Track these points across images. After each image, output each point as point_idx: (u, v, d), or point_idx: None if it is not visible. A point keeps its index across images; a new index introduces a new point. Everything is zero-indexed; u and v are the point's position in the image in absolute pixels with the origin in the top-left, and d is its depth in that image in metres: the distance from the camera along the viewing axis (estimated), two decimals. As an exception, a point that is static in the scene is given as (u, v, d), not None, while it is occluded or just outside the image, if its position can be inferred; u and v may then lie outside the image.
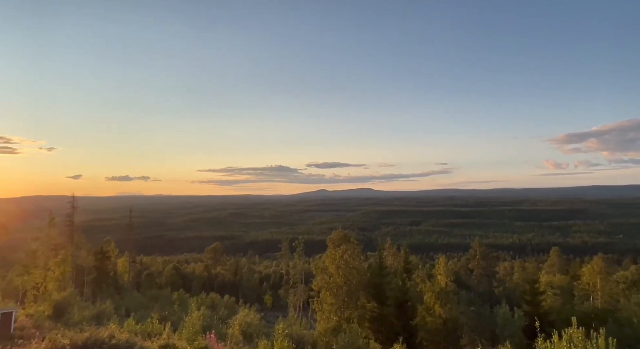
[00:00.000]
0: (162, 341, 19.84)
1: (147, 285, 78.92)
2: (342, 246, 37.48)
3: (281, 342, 20.43)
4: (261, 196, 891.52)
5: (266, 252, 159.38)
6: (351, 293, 35.28)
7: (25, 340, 18.60)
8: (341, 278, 35.18)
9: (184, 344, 19.05)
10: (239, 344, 23.20)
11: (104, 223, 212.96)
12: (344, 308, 34.55)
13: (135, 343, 15.74)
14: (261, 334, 27.63)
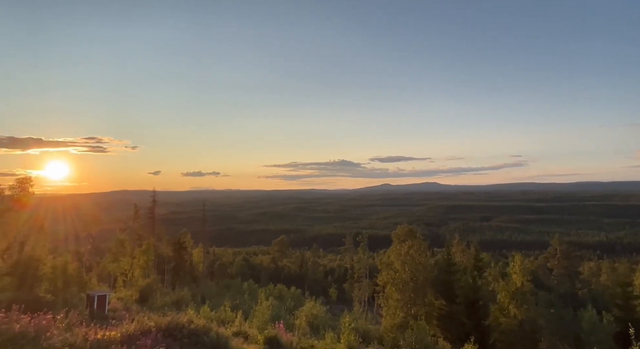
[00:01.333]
0: (235, 328, 20.88)
1: (220, 275, 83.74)
2: (407, 242, 36.63)
3: (348, 335, 20.48)
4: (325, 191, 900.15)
5: (330, 246, 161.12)
6: (418, 290, 34.40)
7: (118, 321, 20.57)
8: (407, 274, 34.44)
9: (255, 332, 19.84)
10: (306, 335, 23.65)
11: (180, 216, 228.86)
12: (410, 305, 33.79)
13: (211, 329, 16.67)
14: (327, 327, 27.95)
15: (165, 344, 13.90)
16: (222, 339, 16.18)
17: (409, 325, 27.22)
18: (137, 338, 14.46)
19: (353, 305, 63.71)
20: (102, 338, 14.04)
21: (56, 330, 14.26)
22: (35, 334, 13.48)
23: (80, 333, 14.20)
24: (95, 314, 23.65)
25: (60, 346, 12.58)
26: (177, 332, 15.80)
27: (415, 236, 40.07)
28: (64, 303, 25.54)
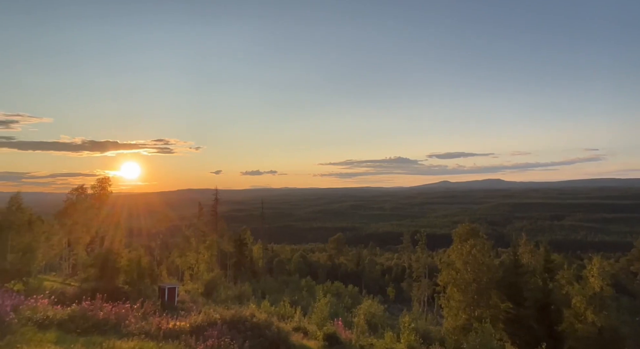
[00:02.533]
0: (294, 323, 21.27)
1: (278, 271, 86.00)
2: (469, 241, 35.04)
3: (408, 335, 20.05)
4: (381, 188, 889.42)
5: (387, 245, 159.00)
6: (481, 291, 32.81)
7: (186, 312, 21.84)
8: (470, 275, 32.96)
9: (314, 328, 20.08)
10: (365, 334, 23.50)
11: (240, 214, 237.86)
12: (473, 306, 32.31)
13: (272, 323, 17.12)
14: (386, 326, 27.56)
15: (230, 336, 14.50)
16: (282, 334, 16.56)
17: (473, 328, 26.05)
18: (204, 329, 15.24)
19: (412, 305, 62.34)
20: (173, 328, 14.97)
21: (133, 318, 15.47)
22: (116, 321, 14.72)
23: (154, 322, 15.27)
24: (166, 305, 25.29)
25: (137, 333, 13.61)
26: (241, 325, 16.42)
27: (478, 235, 38.26)
28: (138, 293, 27.61)
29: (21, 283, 23.40)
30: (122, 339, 12.56)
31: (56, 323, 13.57)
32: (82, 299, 16.91)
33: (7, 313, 12.59)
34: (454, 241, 38.59)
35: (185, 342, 13.36)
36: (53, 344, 10.57)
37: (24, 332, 11.55)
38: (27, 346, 10.00)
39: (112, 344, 11.65)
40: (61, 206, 52.60)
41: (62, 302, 17.54)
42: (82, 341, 11.51)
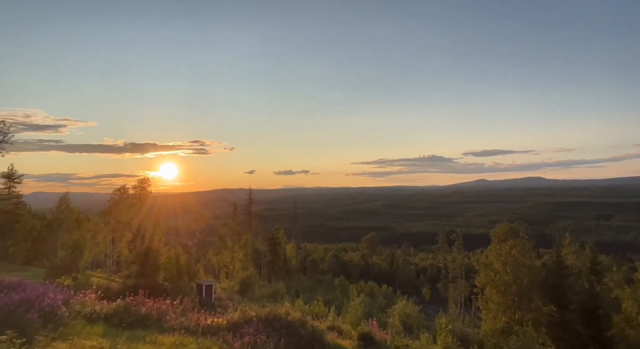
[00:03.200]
0: (329, 322, 21.32)
1: (311, 270, 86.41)
2: (509, 241, 33.83)
3: (444, 337, 19.62)
4: (414, 187, 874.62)
5: (421, 244, 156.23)
6: (522, 293, 31.60)
7: (223, 309, 22.36)
8: (509, 276, 31.83)
9: (348, 327, 20.04)
10: (400, 334, 23.21)
11: (273, 213, 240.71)
12: (514, 309, 31.18)
13: (306, 322, 17.22)
14: (421, 327, 27.11)
15: (265, 334, 14.71)
16: (317, 333, 16.62)
17: (513, 331, 25.16)
18: (241, 326, 15.55)
19: (448, 306, 60.94)
20: (211, 324, 15.36)
21: (174, 314, 15.99)
22: (157, 316, 15.27)
23: (193, 318, 15.73)
24: (204, 302, 26.00)
25: (177, 328, 14.06)
26: (276, 322, 16.63)
27: (517, 234, 36.88)
28: (177, 290, 28.57)
29: (70, 279, 24.69)
30: (163, 334, 13.00)
31: (103, 317, 14.25)
32: (125, 295, 17.68)
33: (59, 307, 13.35)
34: (492, 241, 37.39)
35: (222, 338, 13.66)
36: (100, 337, 11.10)
37: (74, 325, 12.20)
38: (77, 338, 10.55)
39: (154, 339, 12.08)
40: (105, 205, 55.41)
41: (108, 297, 18.39)
42: (127, 335, 12.01)
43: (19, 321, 10.89)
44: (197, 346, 12.13)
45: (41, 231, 49.80)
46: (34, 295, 13.69)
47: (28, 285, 16.07)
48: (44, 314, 12.22)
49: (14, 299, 12.54)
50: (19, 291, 14.16)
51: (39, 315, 11.91)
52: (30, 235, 49.71)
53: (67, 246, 42.46)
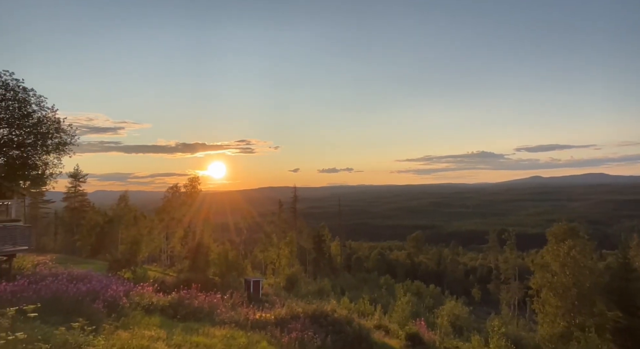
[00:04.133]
0: (375, 321, 21.13)
1: (356, 268, 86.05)
2: (567, 241, 31.71)
3: (497, 340, 18.76)
4: (462, 185, 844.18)
5: (470, 244, 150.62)
6: (583, 297, 29.52)
7: (270, 304, 22.86)
8: (568, 278, 29.84)
9: (395, 327, 19.74)
10: (449, 336, 22.53)
11: (317, 211, 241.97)
12: (574, 313, 29.20)
13: (353, 320, 17.18)
14: (471, 329, 26.18)
15: (312, 330, 14.84)
16: (364, 331, 16.52)
17: (573, 336, 23.62)
18: (288, 322, 15.80)
19: (500, 308, 58.33)
20: (260, 319, 15.75)
21: (224, 308, 16.57)
22: (209, 310, 15.88)
23: (243, 313, 16.21)
24: (252, 297, 26.66)
25: (228, 322, 14.54)
26: (322, 319, 16.73)
27: (577, 235, 34.51)
28: (227, 285, 29.55)
29: (130, 272, 26.30)
30: (215, 326, 13.49)
31: (159, 308, 15.04)
32: (179, 288, 18.55)
33: (120, 298, 14.27)
34: (549, 241, 35.25)
35: (271, 333, 13.95)
36: (157, 328, 11.71)
37: (134, 315, 12.98)
38: (138, 327, 11.20)
39: (207, 331, 12.57)
40: (159, 203, 58.36)
41: (163, 290, 19.38)
42: (181, 327, 12.58)
43: (87, 309, 11.74)
44: (246, 339, 12.45)
45: (103, 226, 53.51)
46: (99, 286, 14.72)
47: (93, 277, 17.31)
48: (108, 304, 13.11)
49: (82, 290, 13.55)
50: (86, 282, 15.28)
51: (104, 305, 12.79)
52: (94, 230, 53.55)
53: (126, 241, 45.32)
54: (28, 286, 13.22)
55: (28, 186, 22.30)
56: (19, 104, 19.06)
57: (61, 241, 61.50)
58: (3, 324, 5.65)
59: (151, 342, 9.65)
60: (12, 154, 19.61)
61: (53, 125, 20.28)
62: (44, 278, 15.57)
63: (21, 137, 19.49)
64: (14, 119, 19.03)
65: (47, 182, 21.65)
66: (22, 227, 21.44)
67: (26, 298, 11.79)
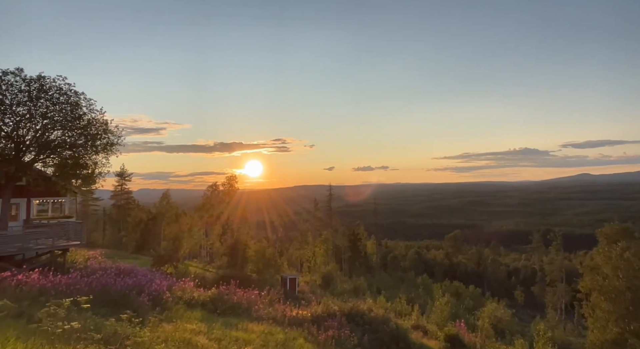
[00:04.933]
0: (413, 321, 20.76)
1: (393, 267, 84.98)
2: (620, 243, 29.75)
3: (543, 345, 17.97)
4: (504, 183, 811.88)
5: (512, 244, 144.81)
6: (638, 301, 27.62)
7: (306, 301, 22.99)
8: (621, 282, 27.96)
9: (434, 328, 19.31)
10: (491, 339, 21.77)
11: (353, 209, 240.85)
12: (628, 319, 27.33)
13: (390, 319, 16.96)
14: (514, 332, 25.21)
15: (349, 328, 14.78)
16: (401, 331, 16.27)
17: (627, 343, 22.17)
18: (324, 319, 15.82)
19: (546, 312, 55.75)
20: (297, 316, 15.86)
21: (261, 304, 16.84)
22: (247, 305, 16.19)
23: (280, 309, 16.39)
24: (288, 294, 26.96)
25: (265, 318, 14.76)
26: (359, 318, 16.63)
27: (632, 235, 32.33)
28: (264, 282, 30.03)
29: (172, 267, 27.34)
30: (253, 322, 13.73)
31: (200, 303, 15.50)
32: (219, 284, 19.05)
33: (164, 292, 14.84)
34: (600, 242, 33.24)
35: (307, 330, 14.01)
36: (199, 322, 12.08)
37: (177, 309, 13.46)
38: (180, 320, 11.61)
39: (245, 326, 12.82)
40: (199, 201, 60.24)
41: (203, 285, 19.97)
42: (221, 321, 12.91)
43: (133, 302, 12.30)
44: (284, 336, 12.58)
45: (147, 223, 55.96)
46: (144, 280, 15.38)
47: (139, 271, 18.11)
48: (152, 298, 13.67)
49: (128, 283, 14.21)
50: (132, 276, 16.02)
51: (148, 298, 13.35)
52: (139, 227, 56.12)
53: (168, 237, 47.15)
54: (80, 278, 14.04)
55: (79, 185, 23.62)
56: (72, 107, 20.19)
57: (109, 237, 64.90)
58: (60, 314, 6.01)
59: (193, 335, 9.95)
60: (65, 155, 20.81)
61: (102, 126, 21.34)
62: (94, 271, 16.48)
63: (73, 138, 20.64)
64: (67, 121, 20.18)
65: (97, 181, 22.81)
66: (75, 223, 22.79)
67: (79, 289, 12.52)
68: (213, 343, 9.64)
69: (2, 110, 18.77)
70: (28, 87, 19.26)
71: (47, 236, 19.97)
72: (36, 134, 20.04)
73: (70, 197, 26.62)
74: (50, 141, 20.33)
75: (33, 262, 19.22)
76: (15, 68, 19.24)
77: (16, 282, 12.76)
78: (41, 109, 19.56)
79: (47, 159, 21.05)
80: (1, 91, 18.76)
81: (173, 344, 8.59)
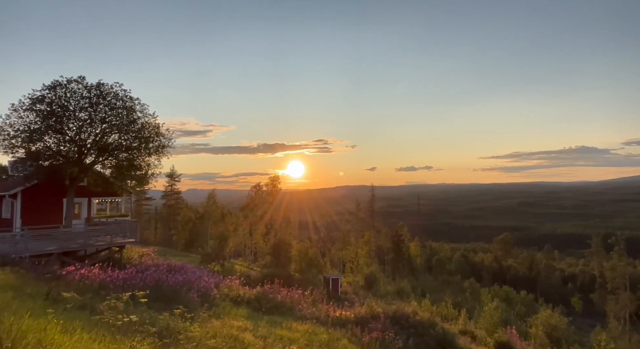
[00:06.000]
0: (460, 326, 20.07)
1: (437, 270, 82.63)
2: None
3: (605, 358, 16.71)
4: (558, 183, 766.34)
5: (567, 248, 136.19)
6: None
7: (349, 303, 22.87)
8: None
9: (483, 334, 18.55)
10: (545, 347, 20.59)
11: (395, 210, 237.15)
12: None
13: (436, 323, 16.50)
14: (571, 341, 23.70)
15: (393, 331, 14.52)
16: (448, 336, 15.76)
17: None
18: (368, 321, 15.64)
19: (607, 321, 51.91)
20: (340, 316, 15.81)
21: (305, 304, 16.97)
22: (291, 305, 16.37)
23: (323, 309, 16.42)
24: (331, 294, 26.95)
25: (309, 317, 14.83)
26: (403, 321, 16.29)
27: None
28: (307, 281, 30.23)
29: (219, 265, 28.23)
30: (297, 321, 13.85)
31: (246, 301, 15.89)
32: (263, 283, 19.42)
33: (212, 289, 15.36)
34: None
35: (351, 331, 13.92)
36: (245, 319, 12.36)
37: (224, 306, 13.86)
38: (227, 317, 11.94)
39: (289, 325, 12.95)
40: (243, 201, 61.83)
41: (248, 284, 20.46)
42: (266, 319, 13.14)
43: (183, 298, 12.81)
44: (328, 336, 12.57)
45: (195, 222, 58.28)
46: (193, 277, 16.00)
47: (188, 269, 18.86)
48: (201, 294, 14.18)
49: (179, 280, 14.83)
50: (182, 273, 16.71)
51: (197, 295, 13.86)
52: (188, 225, 58.55)
53: (214, 236, 48.83)
54: (135, 274, 14.83)
55: (134, 185, 25.04)
56: (127, 111, 21.46)
57: (160, 235, 68.15)
58: (119, 307, 6.38)
59: (240, 332, 10.19)
60: (121, 157, 22.15)
61: (154, 130, 22.50)
62: (148, 267, 17.35)
63: (128, 141, 21.92)
64: (123, 125, 21.47)
65: (149, 182, 24.08)
66: (130, 221, 24.15)
67: (134, 284, 13.23)
68: (259, 341, 9.82)
69: (67, 116, 20.29)
70: (89, 93, 20.68)
71: (105, 233, 21.31)
72: (96, 138, 21.46)
73: (126, 197, 28.27)
74: (108, 144, 21.71)
75: (93, 258, 20.58)
76: (78, 76, 20.73)
77: (79, 276, 13.71)
78: (100, 114, 20.94)
79: (105, 161, 22.52)
80: (66, 97, 20.27)
81: (221, 340, 8.84)
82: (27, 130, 20.00)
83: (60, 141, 21.03)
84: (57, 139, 20.97)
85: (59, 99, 20.11)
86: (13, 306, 6.36)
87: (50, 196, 23.16)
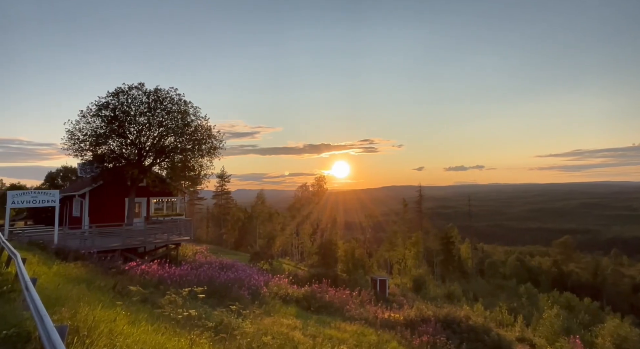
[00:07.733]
0: (517, 333, 19.07)
1: (490, 273, 79.08)
2: None
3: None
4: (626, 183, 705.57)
5: (638, 253, 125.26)
6: None
7: (397, 304, 22.50)
8: None
9: (542, 342, 17.50)
10: (613, 361, 19.03)
11: (444, 211, 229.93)
12: None
13: (491, 329, 15.79)
14: (644, 356, 21.71)
15: (445, 335, 14.07)
16: (504, 342, 15.03)
17: None
18: (418, 324, 15.28)
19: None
20: (388, 318, 15.58)
21: (353, 304, 16.90)
22: (339, 305, 16.37)
23: (371, 311, 16.27)
24: (378, 295, 26.66)
25: (357, 318, 14.75)
26: (455, 325, 15.74)
27: None
28: (354, 282, 30.11)
29: (267, 264, 28.87)
30: (345, 321, 13.81)
31: (294, 299, 16.09)
32: (311, 282, 19.59)
33: (261, 287, 15.72)
34: None
35: (401, 334, 13.66)
36: (294, 317, 12.52)
37: (273, 304, 14.13)
38: (277, 315, 12.17)
39: (338, 325, 12.95)
40: (290, 201, 62.77)
41: (296, 283, 20.72)
42: (315, 319, 13.22)
43: (235, 295, 13.23)
44: (377, 337, 12.41)
45: (244, 222, 60.01)
46: (244, 275, 16.47)
47: (239, 266, 19.45)
48: (252, 291, 14.56)
49: (230, 277, 15.33)
50: (233, 271, 17.25)
51: (248, 292, 14.25)
52: (237, 225, 60.41)
53: (263, 235, 50.01)
54: (190, 270, 15.54)
55: (188, 185, 26.25)
56: (182, 115, 22.57)
57: (211, 234, 70.85)
58: (178, 302, 6.73)
59: (289, 330, 10.33)
60: (176, 159, 23.30)
61: (206, 132, 23.48)
62: (201, 264, 18.11)
63: (183, 143, 23.03)
64: (178, 128, 22.60)
65: (202, 182, 25.14)
66: (185, 220, 25.33)
67: (189, 280, 13.86)
68: (308, 339, 9.90)
69: (128, 120, 21.69)
70: (147, 99, 21.97)
71: (163, 231, 22.52)
72: (154, 141, 22.75)
73: (180, 196, 29.70)
74: (165, 146, 22.92)
75: (152, 254, 21.81)
76: (138, 83, 22.10)
77: (140, 271, 14.59)
78: (158, 118, 22.17)
79: (162, 162, 23.80)
80: (127, 103, 21.68)
81: (272, 337, 9.03)
82: (93, 134, 21.61)
83: (123, 144, 22.52)
84: (120, 143, 22.49)
85: (122, 105, 21.56)
86: (86, 297, 6.91)
87: (114, 195, 24.86)
